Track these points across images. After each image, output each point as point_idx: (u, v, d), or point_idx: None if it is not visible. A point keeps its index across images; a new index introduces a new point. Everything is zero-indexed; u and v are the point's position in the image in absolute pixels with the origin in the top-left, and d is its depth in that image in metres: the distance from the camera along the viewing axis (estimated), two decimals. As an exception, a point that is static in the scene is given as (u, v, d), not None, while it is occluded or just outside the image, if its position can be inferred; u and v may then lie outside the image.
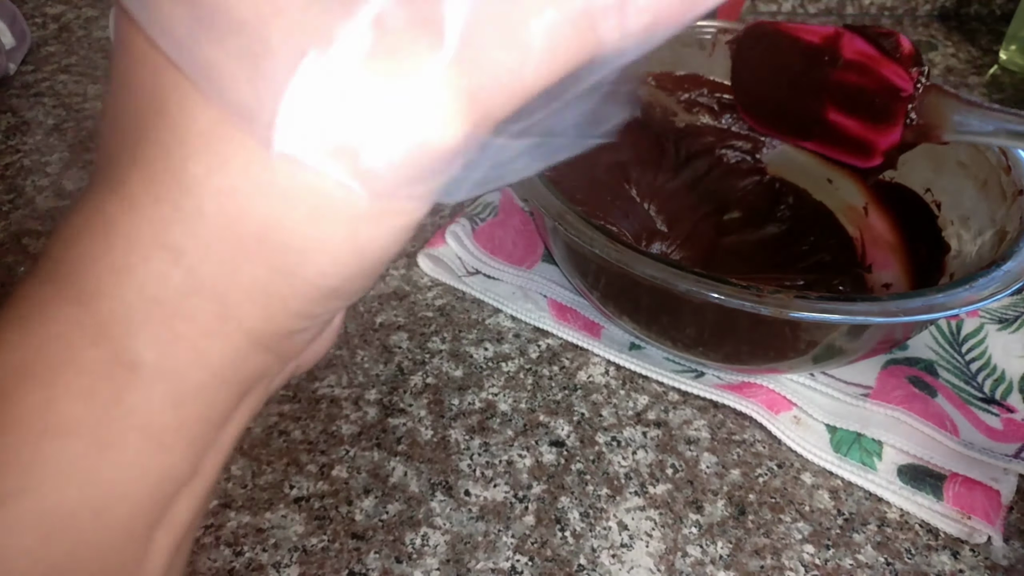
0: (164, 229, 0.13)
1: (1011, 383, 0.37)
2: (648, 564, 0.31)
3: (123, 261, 0.13)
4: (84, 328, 0.14)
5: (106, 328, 0.14)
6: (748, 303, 0.29)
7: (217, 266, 0.13)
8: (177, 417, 0.14)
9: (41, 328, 0.14)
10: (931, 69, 0.66)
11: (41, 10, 0.66)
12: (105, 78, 0.59)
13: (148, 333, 0.14)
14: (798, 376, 0.37)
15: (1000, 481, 0.33)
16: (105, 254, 0.14)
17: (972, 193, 0.38)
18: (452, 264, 0.42)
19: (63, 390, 0.13)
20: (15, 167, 0.50)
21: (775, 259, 0.42)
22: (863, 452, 0.35)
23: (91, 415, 0.14)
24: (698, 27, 0.45)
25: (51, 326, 0.14)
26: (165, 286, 0.13)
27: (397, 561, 0.31)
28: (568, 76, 0.13)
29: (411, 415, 0.36)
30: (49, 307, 0.14)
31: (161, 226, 0.13)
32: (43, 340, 0.14)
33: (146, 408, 0.14)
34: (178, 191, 0.13)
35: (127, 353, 0.14)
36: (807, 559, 0.32)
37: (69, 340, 0.14)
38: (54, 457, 0.13)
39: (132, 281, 0.13)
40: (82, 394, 0.14)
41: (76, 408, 0.13)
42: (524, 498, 0.33)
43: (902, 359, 0.38)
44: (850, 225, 0.44)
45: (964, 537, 0.32)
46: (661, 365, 0.38)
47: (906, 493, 0.33)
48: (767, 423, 0.36)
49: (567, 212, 0.32)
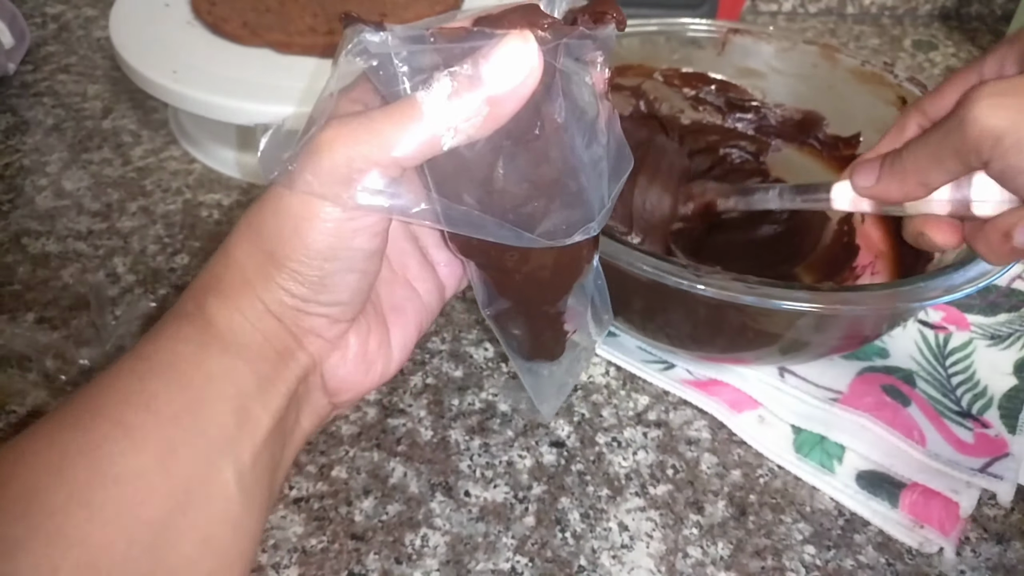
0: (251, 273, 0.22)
1: (992, 399, 0.37)
2: (648, 565, 0.31)
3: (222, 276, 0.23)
4: (184, 304, 0.23)
5: (199, 301, 0.23)
6: (686, 281, 0.29)
7: (247, 259, 0.22)
8: (238, 343, 0.22)
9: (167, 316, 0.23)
10: (932, 68, 0.66)
11: (41, 10, 0.66)
12: (104, 78, 0.59)
13: (213, 299, 0.22)
14: (767, 376, 0.37)
15: (961, 494, 0.33)
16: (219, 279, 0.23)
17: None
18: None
19: (171, 332, 0.22)
20: (14, 167, 0.50)
21: (766, 259, 0.42)
22: (824, 455, 0.35)
23: (189, 347, 0.22)
24: (703, 27, 0.45)
25: (174, 313, 0.23)
26: (229, 277, 0.23)
27: (397, 562, 0.31)
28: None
29: (411, 416, 0.36)
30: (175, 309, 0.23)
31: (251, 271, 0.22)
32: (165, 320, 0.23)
33: (221, 342, 0.22)
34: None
35: (206, 312, 0.22)
36: (808, 560, 0.32)
37: (177, 313, 0.23)
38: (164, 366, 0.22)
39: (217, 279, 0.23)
40: (185, 336, 0.22)
41: (179, 346, 0.22)
42: (524, 499, 0.33)
43: (881, 367, 0.38)
44: (845, 231, 0.44)
45: (915, 546, 0.32)
46: (632, 354, 0.39)
47: (861, 498, 0.33)
48: (727, 421, 0.36)
49: None
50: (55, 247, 0.44)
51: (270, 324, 0.22)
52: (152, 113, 0.55)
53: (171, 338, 0.22)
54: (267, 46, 0.48)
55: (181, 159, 0.52)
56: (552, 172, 0.22)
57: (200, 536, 0.20)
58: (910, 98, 0.41)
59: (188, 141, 0.52)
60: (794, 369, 0.38)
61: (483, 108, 0.20)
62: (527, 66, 0.20)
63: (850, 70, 0.43)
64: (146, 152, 0.52)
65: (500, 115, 0.20)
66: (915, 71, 0.65)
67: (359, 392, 0.26)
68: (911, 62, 0.67)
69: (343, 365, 0.25)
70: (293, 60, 0.48)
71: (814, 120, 0.45)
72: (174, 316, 0.23)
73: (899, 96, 0.42)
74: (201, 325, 0.22)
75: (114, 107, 0.56)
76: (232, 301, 0.22)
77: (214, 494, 0.21)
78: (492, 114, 0.20)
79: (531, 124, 0.21)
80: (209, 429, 0.21)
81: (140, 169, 0.51)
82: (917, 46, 0.70)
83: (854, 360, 0.39)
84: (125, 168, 0.50)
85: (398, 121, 0.20)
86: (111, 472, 0.20)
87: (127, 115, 0.55)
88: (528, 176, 0.22)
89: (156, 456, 0.20)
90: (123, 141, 0.53)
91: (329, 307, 0.23)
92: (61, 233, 0.45)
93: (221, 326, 0.22)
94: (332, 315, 0.23)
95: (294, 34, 0.48)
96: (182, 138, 0.53)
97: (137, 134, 0.53)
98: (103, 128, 0.54)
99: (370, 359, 0.25)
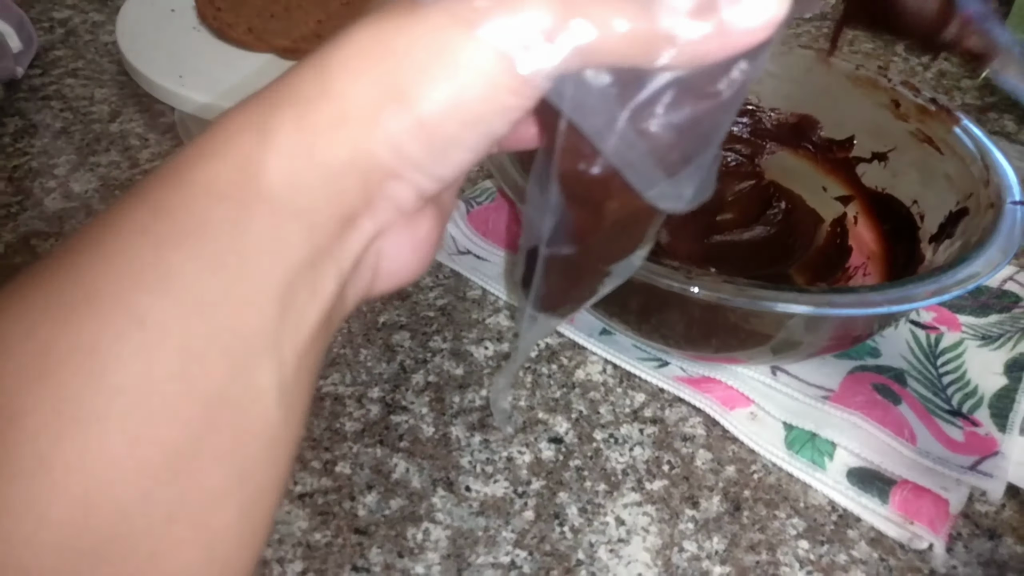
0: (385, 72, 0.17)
1: (982, 398, 0.38)
2: (645, 559, 0.32)
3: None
4: (218, 136, 0.17)
5: (251, 133, 0.17)
6: (677, 284, 0.30)
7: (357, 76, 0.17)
8: (296, 201, 0.17)
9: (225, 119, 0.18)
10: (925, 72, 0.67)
11: (48, 14, 0.67)
12: (111, 82, 0.59)
13: (280, 131, 0.17)
14: (760, 374, 0.38)
15: (951, 491, 0.33)
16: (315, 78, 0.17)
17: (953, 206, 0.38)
18: (444, 242, 0.43)
19: (201, 178, 0.17)
20: (23, 169, 0.51)
21: (759, 261, 0.43)
22: (815, 452, 0.35)
23: (225, 206, 0.16)
24: None
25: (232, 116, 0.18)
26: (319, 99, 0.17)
27: (399, 556, 0.31)
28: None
29: (413, 412, 0.37)
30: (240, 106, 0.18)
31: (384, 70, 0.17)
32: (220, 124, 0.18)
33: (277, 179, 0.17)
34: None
35: (258, 154, 0.17)
36: (802, 554, 0.32)
37: (206, 151, 0.17)
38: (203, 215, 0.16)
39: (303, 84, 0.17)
40: (222, 190, 0.17)
41: (212, 204, 0.16)
42: (523, 494, 0.34)
43: (872, 366, 0.39)
44: (838, 232, 0.45)
45: (905, 542, 0.33)
46: (627, 352, 0.39)
47: (852, 494, 0.34)
48: (719, 417, 0.37)
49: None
50: (63, 248, 0.45)
51: (350, 180, 0.17)
52: (159, 117, 0.56)
53: (200, 189, 0.16)
54: (272, 51, 0.49)
55: (187, 162, 0.52)
56: (706, 131, 0.20)
57: (231, 462, 0.16)
58: (903, 102, 0.42)
59: (194, 144, 0.53)
60: (786, 367, 0.39)
61: (711, 38, 0.17)
62: (775, 13, 0.17)
63: (844, 74, 0.44)
64: (153, 155, 0.53)
65: (722, 49, 0.17)
66: (908, 75, 0.66)
67: (398, 282, 0.22)
68: (904, 66, 0.68)
69: (401, 245, 0.21)
70: (297, 65, 0.48)
71: (808, 124, 0.46)
72: (200, 155, 0.17)
73: (893, 100, 0.42)
74: (247, 172, 0.17)
75: (121, 111, 0.57)
76: (306, 137, 0.17)
77: (249, 407, 0.16)
78: (715, 45, 0.17)
79: (723, 77, 0.19)
80: (246, 321, 0.16)
81: (147, 172, 0.51)
82: (910, 50, 0.70)
83: (845, 359, 0.39)
84: (133, 171, 0.51)
85: (632, 16, 0.16)
86: (116, 380, 0.15)
87: (134, 119, 0.56)
88: (684, 127, 0.20)
89: (177, 359, 0.15)
90: (130, 144, 0.54)
91: (429, 178, 0.18)
92: (69, 235, 0.46)
93: (277, 174, 0.17)
94: (423, 188, 0.19)
95: (299, 39, 0.49)
96: (188, 142, 0.54)
97: (144, 137, 0.54)
98: (111, 131, 0.55)
99: (416, 247, 0.21)
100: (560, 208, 0.22)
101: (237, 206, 0.16)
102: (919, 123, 0.41)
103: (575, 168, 0.21)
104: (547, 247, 0.23)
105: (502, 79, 0.16)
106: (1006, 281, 0.44)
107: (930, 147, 0.40)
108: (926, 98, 0.41)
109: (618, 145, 0.19)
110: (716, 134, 0.21)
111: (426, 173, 0.18)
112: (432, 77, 0.16)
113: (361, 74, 0.17)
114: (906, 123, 0.42)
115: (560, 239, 0.23)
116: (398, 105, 0.17)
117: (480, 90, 0.17)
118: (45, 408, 0.14)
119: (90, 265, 0.15)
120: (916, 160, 0.41)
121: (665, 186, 0.20)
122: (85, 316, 0.15)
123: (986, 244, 0.32)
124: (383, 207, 0.18)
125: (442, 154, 0.18)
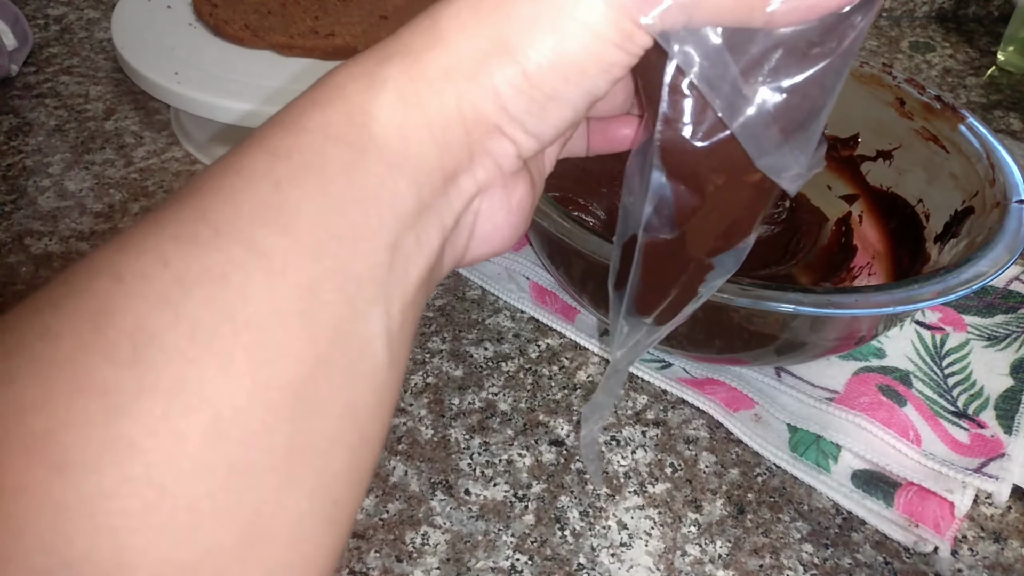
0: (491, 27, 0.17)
1: (988, 399, 0.37)
2: (647, 563, 0.31)
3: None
4: (330, 86, 0.18)
5: (364, 82, 0.17)
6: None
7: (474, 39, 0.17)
8: (404, 151, 0.17)
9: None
10: (930, 69, 0.66)
11: (43, 12, 0.67)
12: (106, 79, 0.59)
13: (391, 82, 0.17)
14: (764, 376, 0.37)
15: (956, 493, 0.33)
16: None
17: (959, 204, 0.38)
18: None
19: (316, 124, 0.17)
20: (17, 167, 0.50)
21: (764, 260, 0.43)
22: (820, 454, 0.35)
23: (340, 149, 0.17)
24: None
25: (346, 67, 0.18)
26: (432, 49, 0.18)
27: (397, 560, 0.31)
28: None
29: (411, 414, 0.36)
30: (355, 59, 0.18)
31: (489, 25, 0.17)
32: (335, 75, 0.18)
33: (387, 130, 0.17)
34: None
35: (371, 103, 0.17)
36: (806, 558, 0.32)
37: (318, 100, 0.17)
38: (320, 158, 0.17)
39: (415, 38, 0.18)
40: (337, 134, 0.17)
41: (328, 147, 0.17)
42: (524, 497, 0.33)
43: (877, 367, 0.39)
44: (843, 231, 0.44)
45: (910, 545, 0.32)
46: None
47: (856, 497, 0.33)
48: (723, 419, 0.36)
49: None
50: (58, 247, 0.45)
51: (455, 134, 0.18)
52: (154, 114, 0.56)
53: (317, 132, 0.17)
54: (269, 48, 0.48)
55: (183, 160, 0.52)
56: (818, 93, 0.19)
57: (344, 404, 0.16)
58: (908, 99, 0.41)
59: (190, 142, 0.53)
60: (790, 368, 0.38)
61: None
62: None
63: (849, 71, 0.43)
64: (148, 153, 0.52)
65: (830, 5, 0.17)
66: (913, 72, 0.66)
67: (491, 249, 0.21)
68: (908, 63, 0.67)
69: (497, 209, 0.20)
70: (295, 62, 0.48)
71: (812, 121, 0.46)
72: (314, 103, 0.17)
73: (897, 97, 0.42)
74: (358, 120, 0.17)
75: (116, 108, 0.56)
76: (416, 87, 0.17)
77: (361, 352, 0.16)
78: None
79: (833, 33, 0.19)
80: (360, 264, 0.16)
81: (142, 170, 0.51)
82: (915, 47, 0.70)
83: (850, 360, 0.39)
84: (127, 169, 0.51)
85: None
86: (243, 313, 0.15)
87: (129, 116, 0.55)
88: (796, 88, 0.19)
89: (297, 295, 0.15)
90: (125, 142, 0.53)
91: (529, 136, 0.18)
92: (64, 234, 0.46)
93: (387, 123, 0.17)
94: (523, 146, 0.19)
95: (296, 36, 0.49)
96: (184, 139, 0.53)
97: (139, 135, 0.54)
98: (105, 129, 0.54)
99: (511, 211, 0.21)
100: (660, 189, 0.21)
101: (353, 149, 0.17)
102: (924, 121, 0.41)
103: (678, 136, 0.20)
104: (645, 232, 0.22)
105: (607, 32, 0.17)
106: (1012, 281, 0.44)
107: (935, 145, 0.40)
108: (931, 96, 0.41)
109: (729, 103, 0.18)
110: (828, 97, 0.20)
111: (527, 130, 0.18)
112: (539, 28, 0.17)
113: (470, 26, 0.17)
114: (911, 121, 0.41)
115: (660, 223, 0.22)
116: (504, 57, 0.17)
117: (585, 42, 0.17)
118: (182, 330, 0.14)
119: (214, 203, 0.16)
120: (921, 158, 0.41)
121: (777, 156, 0.20)
122: (213, 249, 0.15)
123: (992, 243, 0.32)
124: (484, 164, 0.19)
125: (543, 109, 0.18)
